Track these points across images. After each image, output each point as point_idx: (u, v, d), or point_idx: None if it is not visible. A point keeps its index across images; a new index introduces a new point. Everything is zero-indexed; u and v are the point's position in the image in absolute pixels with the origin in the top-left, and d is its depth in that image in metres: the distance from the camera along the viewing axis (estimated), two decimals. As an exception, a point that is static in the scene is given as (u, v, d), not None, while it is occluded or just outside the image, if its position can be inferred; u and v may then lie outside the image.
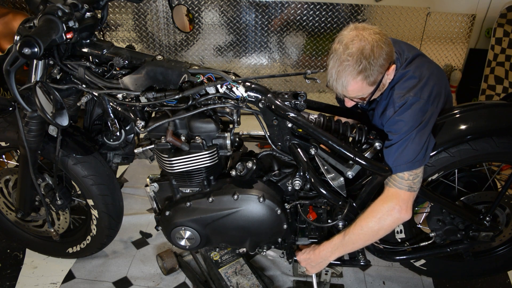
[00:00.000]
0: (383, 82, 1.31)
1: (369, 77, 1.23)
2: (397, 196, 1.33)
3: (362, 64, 1.20)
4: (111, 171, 1.69)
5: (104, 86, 1.36)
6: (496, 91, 3.21)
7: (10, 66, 1.15)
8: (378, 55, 1.21)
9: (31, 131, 1.45)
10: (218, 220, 1.45)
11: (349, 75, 1.23)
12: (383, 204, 1.35)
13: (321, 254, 1.48)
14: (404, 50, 1.39)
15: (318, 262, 1.51)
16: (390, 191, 1.35)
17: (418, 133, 1.26)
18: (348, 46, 1.21)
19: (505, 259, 1.73)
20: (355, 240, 1.41)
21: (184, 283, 1.83)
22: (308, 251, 1.52)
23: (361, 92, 1.28)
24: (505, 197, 1.52)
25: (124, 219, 1.84)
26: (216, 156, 1.41)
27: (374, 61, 1.21)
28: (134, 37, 3.31)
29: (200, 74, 1.32)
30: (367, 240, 1.41)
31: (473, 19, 3.35)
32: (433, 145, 1.32)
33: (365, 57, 1.20)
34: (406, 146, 1.27)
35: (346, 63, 1.21)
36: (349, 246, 1.43)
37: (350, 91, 1.28)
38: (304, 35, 3.32)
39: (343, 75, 1.23)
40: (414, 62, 1.36)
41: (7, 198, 1.81)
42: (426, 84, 1.31)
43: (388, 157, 1.32)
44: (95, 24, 1.37)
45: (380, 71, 1.24)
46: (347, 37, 1.23)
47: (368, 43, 1.20)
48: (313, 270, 1.55)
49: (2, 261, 1.93)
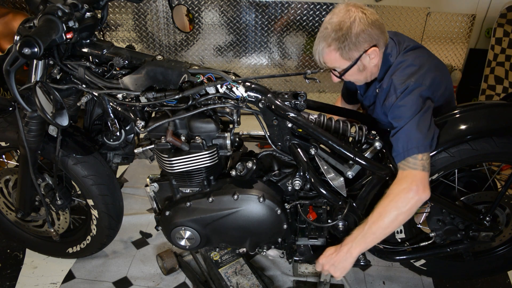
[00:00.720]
0: (364, 64, 1.36)
1: (343, 50, 1.30)
2: (412, 177, 1.28)
3: (338, 35, 1.29)
4: (111, 171, 1.69)
5: (104, 86, 1.36)
6: (496, 91, 3.21)
7: (10, 66, 1.15)
8: (357, 32, 1.28)
9: (31, 131, 1.45)
10: (218, 220, 1.45)
11: (324, 41, 1.32)
12: (399, 187, 1.29)
13: (342, 251, 1.38)
14: (405, 40, 1.42)
15: (341, 261, 1.39)
16: (404, 173, 1.30)
17: (421, 117, 1.27)
18: (333, 16, 1.31)
19: (505, 259, 1.73)
20: (375, 230, 1.33)
21: (184, 283, 1.83)
22: (328, 253, 1.43)
23: (337, 63, 1.36)
24: (505, 197, 1.52)
25: (124, 219, 1.84)
26: (216, 156, 1.41)
27: (350, 36, 1.28)
28: (134, 37, 3.31)
29: (200, 74, 1.32)
30: (388, 228, 1.33)
31: (473, 19, 3.35)
32: (438, 133, 1.33)
33: (341, 29, 1.28)
34: (413, 129, 1.27)
35: (325, 31, 1.32)
36: (370, 238, 1.35)
37: (326, 60, 1.37)
38: (304, 35, 3.32)
39: (320, 41, 1.33)
40: (415, 52, 1.39)
41: (7, 198, 1.81)
42: (428, 73, 1.33)
43: (397, 143, 1.29)
44: (95, 24, 1.37)
45: (357, 49, 1.31)
46: (338, 9, 1.32)
47: (350, 18, 1.28)
48: (338, 272, 1.41)
49: (2, 261, 1.93)
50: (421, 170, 1.28)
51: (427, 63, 1.35)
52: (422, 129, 1.27)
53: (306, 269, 1.88)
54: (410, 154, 1.28)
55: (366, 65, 1.37)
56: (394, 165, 1.36)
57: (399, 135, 1.29)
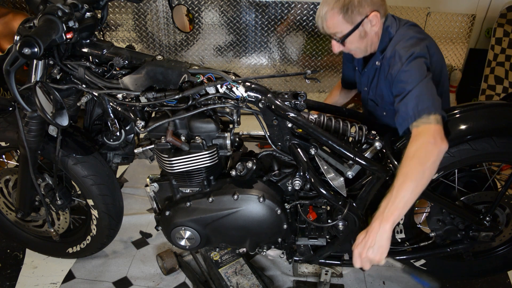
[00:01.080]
0: (365, 30, 1.41)
1: (346, 13, 1.36)
2: (427, 131, 1.24)
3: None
4: (111, 171, 1.69)
5: (104, 86, 1.36)
6: (496, 91, 3.21)
7: (10, 66, 1.15)
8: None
9: (31, 131, 1.45)
10: (218, 220, 1.45)
11: (327, 5, 1.38)
12: (417, 143, 1.24)
13: (374, 229, 1.26)
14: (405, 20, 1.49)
15: (376, 240, 1.26)
16: (419, 130, 1.26)
17: (428, 82, 1.29)
18: None
19: (505, 259, 1.73)
20: (404, 193, 1.23)
21: (184, 283, 1.83)
22: (360, 239, 1.31)
23: (339, 28, 1.40)
24: (505, 197, 1.52)
25: (124, 219, 1.84)
26: (216, 156, 1.41)
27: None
28: (134, 37, 3.31)
29: (200, 74, 1.32)
30: (417, 187, 1.24)
31: (473, 19, 3.35)
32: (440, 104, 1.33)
33: None
34: (423, 92, 1.27)
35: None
36: (401, 203, 1.24)
37: (329, 24, 1.40)
38: (304, 35, 3.32)
39: (323, 6, 1.39)
40: (416, 27, 1.46)
41: (7, 198, 1.81)
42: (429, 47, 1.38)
43: (407, 107, 1.28)
44: (95, 24, 1.37)
45: (359, 13, 1.37)
46: None
47: None
48: (378, 255, 1.27)
49: (2, 261, 1.93)
50: (435, 123, 1.25)
51: (427, 41, 1.40)
52: (431, 91, 1.28)
53: (306, 269, 1.88)
54: (422, 114, 1.25)
55: (367, 32, 1.42)
56: (394, 165, 1.36)
57: (407, 99, 1.28)
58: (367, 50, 1.49)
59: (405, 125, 1.29)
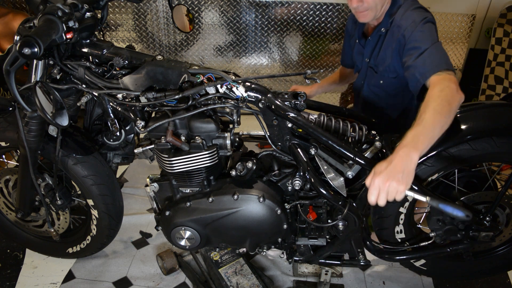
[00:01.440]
0: None
1: None
2: (449, 78, 1.28)
3: None
4: (111, 171, 1.69)
5: (104, 86, 1.36)
6: (496, 91, 3.21)
7: (10, 66, 1.15)
8: None
9: (31, 131, 1.45)
10: (218, 220, 1.45)
11: None
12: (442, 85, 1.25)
13: (400, 156, 1.14)
14: None
15: (402, 168, 1.13)
16: (441, 76, 1.29)
17: (441, 45, 1.39)
18: None
19: (505, 259, 1.73)
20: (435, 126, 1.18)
21: (184, 283, 1.83)
22: (381, 169, 1.16)
23: None
24: (505, 197, 1.52)
25: (124, 219, 1.84)
26: (216, 156, 1.41)
27: None
28: (134, 37, 3.30)
29: (200, 74, 1.32)
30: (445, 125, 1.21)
31: (473, 19, 3.35)
32: None
33: None
34: (439, 51, 1.37)
35: None
36: (430, 135, 1.17)
37: None
38: (304, 35, 3.32)
39: None
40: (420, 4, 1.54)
41: (7, 198, 1.81)
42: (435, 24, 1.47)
43: (426, 60, 1.35)
44: (95, 24, 1.37)
45: None
46: None
47: None
48: (403, 185, 1.14)
49: (2, 261, 1.93)
50: (454, 75, 1.31)
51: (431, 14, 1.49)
52: (446, 54, 1.37)
53: (306, 269, 1.88)
54: (441, 68, 1.32)
55: None
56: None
57: (425, 56, 1.36)
58: (379, 10, 1.55)
59: (426, 77, 1.33)
